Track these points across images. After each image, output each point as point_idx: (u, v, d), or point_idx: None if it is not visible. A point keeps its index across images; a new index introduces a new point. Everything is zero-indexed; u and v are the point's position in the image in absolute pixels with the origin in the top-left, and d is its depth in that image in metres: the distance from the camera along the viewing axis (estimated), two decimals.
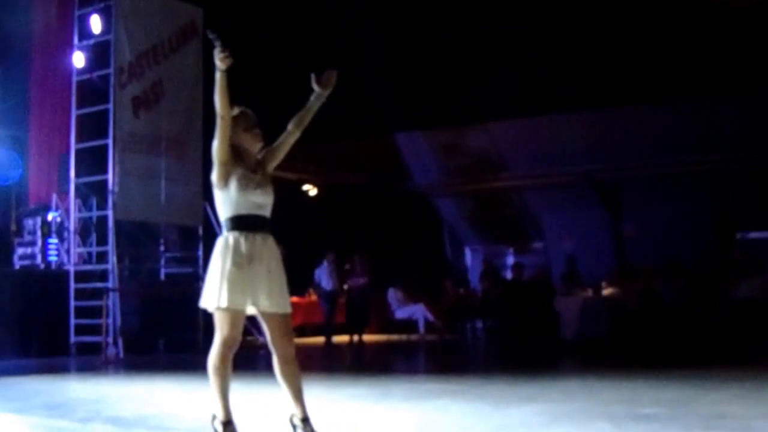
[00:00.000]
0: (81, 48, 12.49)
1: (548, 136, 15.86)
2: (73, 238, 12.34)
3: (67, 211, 12.39)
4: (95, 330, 11.44)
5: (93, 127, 12.44)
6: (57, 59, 12.66)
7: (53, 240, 12.27)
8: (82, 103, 12.50)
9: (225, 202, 4.41)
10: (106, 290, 11.58)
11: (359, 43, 14.07)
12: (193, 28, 13.20)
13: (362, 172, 18.26)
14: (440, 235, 19.28)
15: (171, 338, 12.21)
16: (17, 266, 12.27)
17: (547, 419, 5.32)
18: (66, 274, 12.12)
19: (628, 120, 14.93)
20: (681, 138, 14.66)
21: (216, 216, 4.56)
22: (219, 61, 4.22)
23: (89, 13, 12.40)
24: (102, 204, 12.29)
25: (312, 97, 4.56)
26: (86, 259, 12.58)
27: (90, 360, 10.98)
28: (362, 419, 5.59)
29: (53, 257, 12.28)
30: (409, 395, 6.87)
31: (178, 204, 12.77)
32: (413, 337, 15.46)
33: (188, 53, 13.04)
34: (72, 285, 12.02)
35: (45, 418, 5.68)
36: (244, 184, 4.37)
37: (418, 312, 15.59)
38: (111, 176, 12.07)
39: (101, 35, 12.33)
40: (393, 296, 15.92)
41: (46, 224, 12.25)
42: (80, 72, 12.49)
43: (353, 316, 14.94)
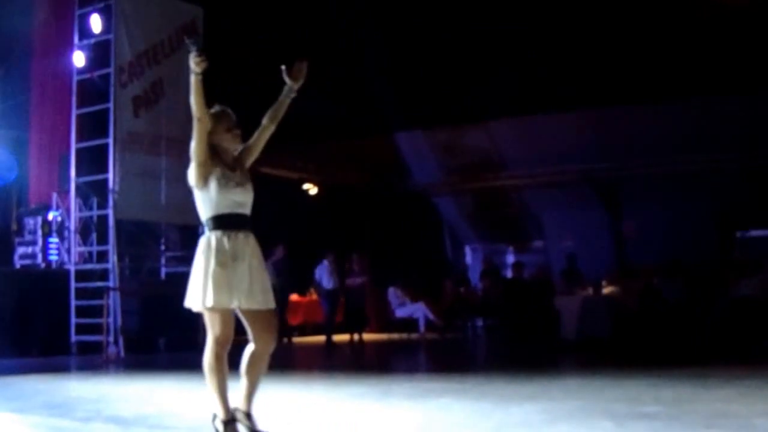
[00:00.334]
0: (81, 47, 12.50)
1: (548, 135, 15.84)
2: (74, 238, 12.35)
3: (68, 211, 12.40)
4: (96, 329, 11.45)
5: (93, 127, 12.45)
6: (57, 59, 12.66)
7: (54, 239, 12.27)
8: (83, 103, 12.51)
9: (205, 202, 4.45)
10: (107, 289, 11.59)
11: (359, 43, 14.06)
12: (194, 28, 13.19)
13: (362, 171, 18.28)
14: (440, 234, 19.28)
15: (171, 337, 12.22)
16: (18, 265, 12.28)
17: (548, 418, 5.32)
18: (66, 274, 12.13)
19: (628, 119, 14.92)
20: (681, 137, 14.66)
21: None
22: (194, 65, 4.30)
23: (89, 13, 12.41)
24: (102, 203, 12.30)
25: (284, 90, 4.62)
26: (87, 259, 12.59)
27: (90, 359, 10.99)
28: (363, 418, 5.60)
29: (54, 256, 12.29)
30: (410, 394, 6.87)
31: (179, 203, 12.72)
32: (414, 336, 15.47)
33: (188, 53, 13.02)
34: (72, 284, 12.03)
35: (46, 418, 5.68)
36: (224, 183, 4.40)
37: (419, 311, 15.60)
38: (111, 175, 12.09)
39: (101, 35, 12.34)
40: (393, 295, 15.93)
41: (47, 223, 12.25)
42: (80, 71, 12.49)
43: (351, 316, 14.96)
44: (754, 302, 11.77)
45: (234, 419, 4.41)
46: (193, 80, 4.31)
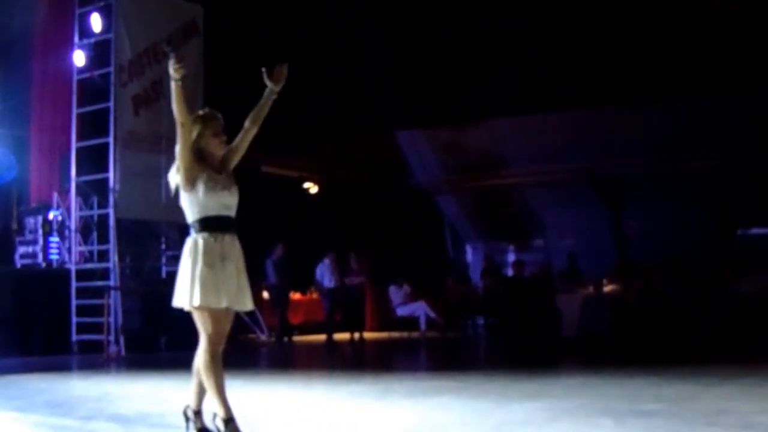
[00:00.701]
0: (81, 47, 12.48)
1: (549, 134, 15.84)
2: (75, 237, 12.34)
3: (69, 210, 12.39)
4: (97, 328, 11.44)
5: (94, 126, 12.44)
6: (57, 58, 12.65)
7: (54, 238, 12.26)
8: (83, 102, 12.50)
9: (193, 204, 4.54)
10: (108, 288, 11.59)
11: (359, 43, 14.07)
12: (194, 26, 13.19)
13: (363, 170, 18.28)
14: (441, 233, 19.27)
15: (172, 336, 12.20)
16: (18, 265, 12.27)
17: (549, 416, 5.32)
18: (67, 273, 12.12)
19: (629, 117, 14.92)
20: (682, 135, 14.65)
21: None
22: (173, 71, 4.38)
23: (89, 12, 12.39)
24: (103, 202, 12.30)
25: (265, 93, 4.68)
26: (87, 258, 12.58)
27: (92, 358, 10.99)
28: (364, 416, 5.60)
29: (54, 256, 12.28)
30: (411, 392, 6.87)
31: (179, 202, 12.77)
32: (414, 335, 15.46)
33: (189, 51, 13.00)
34: (73, 283, 12.02)
35: (47, 417, 5.69)
36: (212, 186, 4.49)
37: (420, 309, 15.59)
38: (112, 174, 12.08)
39: (101, 34, 12.32)
40: (394, 293, 15.92)
41: (48, 223, 12.24)
42: (81, 71, 12.48)
43: (348, 315, 14.96)
44: (755, 300, 11.76)
45: (233, 418, 4.40)
46: (173, 86, 4.40)
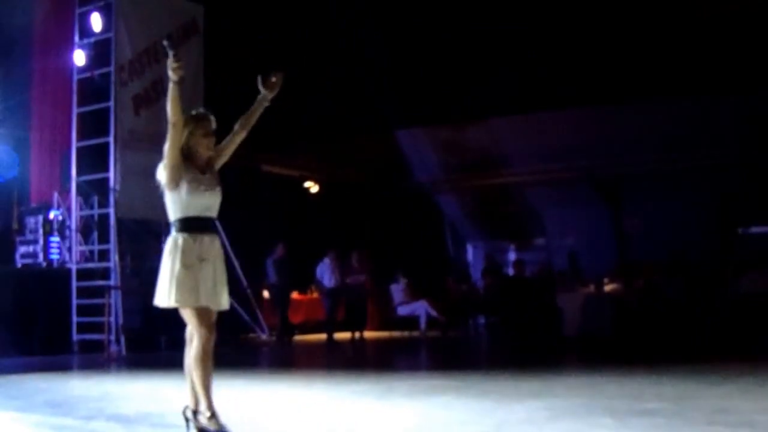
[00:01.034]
0: (81, 46, 12.49)
1: (549, 133, 15.84)
2: (75, 236, 12.35)
3: (69, 209, 12.40)
4: (97, 328, 11.45)
5: (94, 125, 12.44)
6: (58, 58, 12.65)
7: (55, 238, 12.27)
8: (83, 101, 12.50)
9: (175, 203, 4.61)
10: (108, 288, 11.60)
11: (359, 43, 14.07)
12: (194, 26, 13.19)
13: (364, 169, 18.28)
14: (442, 232, 19.28)
15: (173, 336, 12.14)
16: (19, 264, 12.27)
17: (551, 415, 5.32)
18: (68, 273, 12.13)
19: (629, 116, 14.91)
20: (682, 134, 14.65)
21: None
22: (171, 72, 4.43)
23: (90, 11, 12.40)
24: (103, 202, 12.30)
25: (257, 99, 4.74)
26: (88, 257, 12.59)
27: (92, 358, 10.99)
28: (364, 416, 5.59)
29: (55, 255, 12.29)
30: (412, 392, 6.86)
31: None
32: (415, 334, 15.45)
33: (189, 51, 13.01)
34: (74, 283, 12.03)
35: (47, 416, 5.68)
36: (195, 187, 4.56)
37: (421, 308, 15.58)
38: (112, 174, 12.09)
39: (102, 33, 12.33)
40: (395, 291, 15.90)
41: (48, 222, 12.25)
42: (81, 70, 12.49)
43: (351, 314, 14.95)
44: (757, 298, 11.76)
45: (215, 413, 4.49)
46: (171, 87, 4.47)
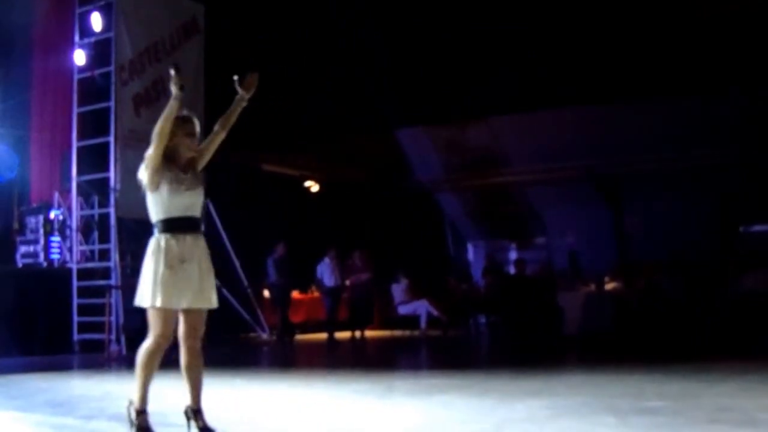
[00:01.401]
0: (82, 46, 12.48)
1: (550, 132, 15.85)
2: (76, 236, 12.34)
3: (70, 209, 12.39)
4: (98, 327, 11.45)
5: (94, 125, 12.43)
6: (58, 57, 12.63)
7: (56, 238, 12.25)
8: (84, 101, 12.49)
9: (156, 204, 4.67)
10: (109, 288, 11.59)
11: (359, 43, 14.07)
12: (195, 25, 13.18)
13: (364, 169, 18.28)
14: (442, 231, 19.28)
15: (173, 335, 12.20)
16: (20, 264, 12.25)
17: (552, 413, 5.31)
18: (68, 272, 12.12)
19: (630, 115, 14.92)
20: (683, 132, 14.65)
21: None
22: (175, 89, 4.47)
23: (90, 11, 12.38)
24: (104, 201, 12.29)
25: (235, 99, 4.76)
26: (89, 257, 12.58)
27: (93, 357, 10.98)
28: (366, 415, 5.59)
29: (56, 255, 12.27)
30: (413, 390, 6.86)
31: None
32: (415, 333, 15.45)
33: (190, 50, 13.01)
34: (75, 283, 12.02)
35: (48, 416, 5.69)
36: (176, 187, 4.61)
37: (421, 308, 15.57)
38: (113, 174, 12.07)
39: (102, 33, 12.31)
40: (396, 290, 15.90)
41: (49, 222, 12.23)
42: (81, 70, 12.48)
43: (356, 313, 14.93)
44: (757, 298, 11.76)
45: (146, 411, 4.67)
46: (173, 104, 4.48)
